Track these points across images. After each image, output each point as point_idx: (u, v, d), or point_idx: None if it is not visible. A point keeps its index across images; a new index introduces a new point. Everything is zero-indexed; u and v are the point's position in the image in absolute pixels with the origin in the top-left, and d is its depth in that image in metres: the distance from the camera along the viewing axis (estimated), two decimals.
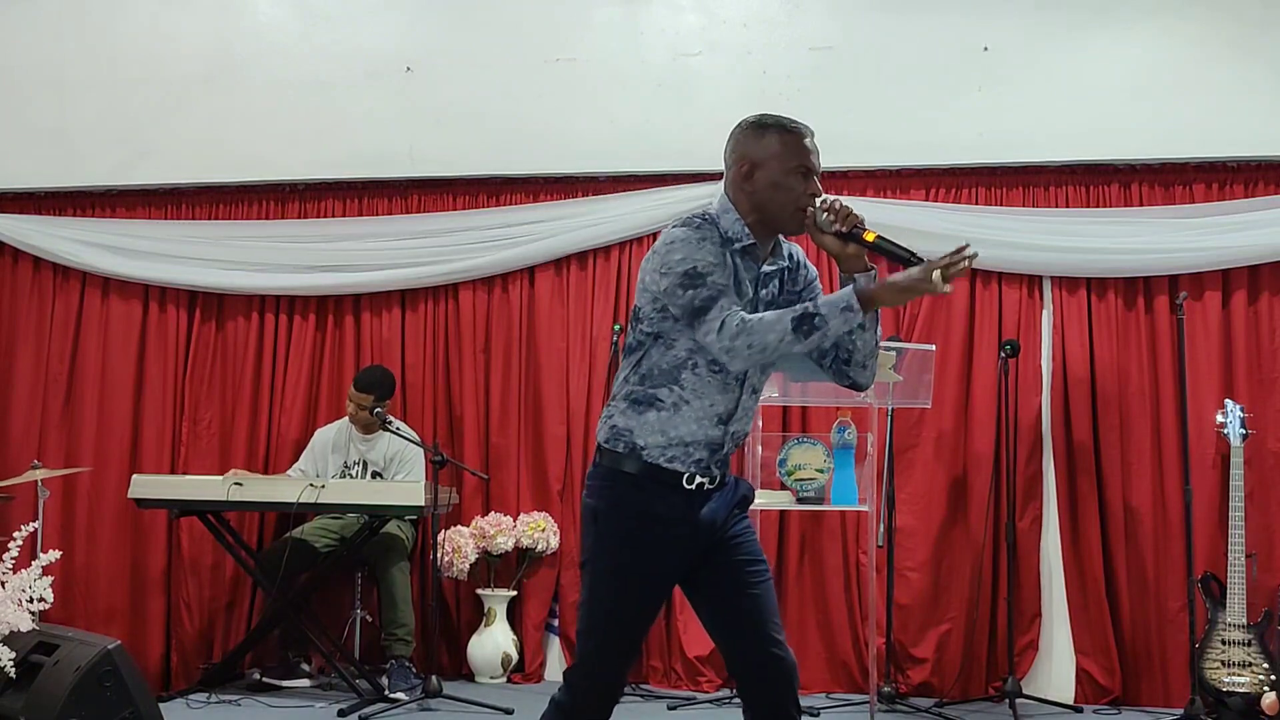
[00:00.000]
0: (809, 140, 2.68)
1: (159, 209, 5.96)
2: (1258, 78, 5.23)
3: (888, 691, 4.98)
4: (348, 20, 5.81)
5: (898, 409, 5.05)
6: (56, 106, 5.88)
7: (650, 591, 2.64)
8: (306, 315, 5.81)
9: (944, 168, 5.45)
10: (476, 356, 5.70)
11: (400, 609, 5.22)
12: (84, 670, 3.28)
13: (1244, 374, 5.18)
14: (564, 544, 5.53)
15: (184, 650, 5.62)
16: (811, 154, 2.67)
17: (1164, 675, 5.10)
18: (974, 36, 5.40)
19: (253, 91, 5.79)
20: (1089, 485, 5.22)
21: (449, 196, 5.80)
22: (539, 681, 5.48)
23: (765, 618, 2.63)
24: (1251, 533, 4.85)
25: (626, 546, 2.58)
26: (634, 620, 2.63)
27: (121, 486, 5.38)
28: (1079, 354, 5.28)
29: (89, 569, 5.69)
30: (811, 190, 2.66)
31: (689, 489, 2.61)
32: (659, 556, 2.59)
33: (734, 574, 2.63)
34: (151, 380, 5.83)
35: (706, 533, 2.63)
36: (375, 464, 5.48)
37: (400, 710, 4.80)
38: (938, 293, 2.49)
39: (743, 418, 2.68)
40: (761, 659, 2.62)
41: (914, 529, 5.29)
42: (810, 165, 2.67)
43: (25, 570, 3.43)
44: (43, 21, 5.95)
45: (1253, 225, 5.18)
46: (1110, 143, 5.30)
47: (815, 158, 2.68)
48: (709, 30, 5.60)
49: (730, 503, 2.67)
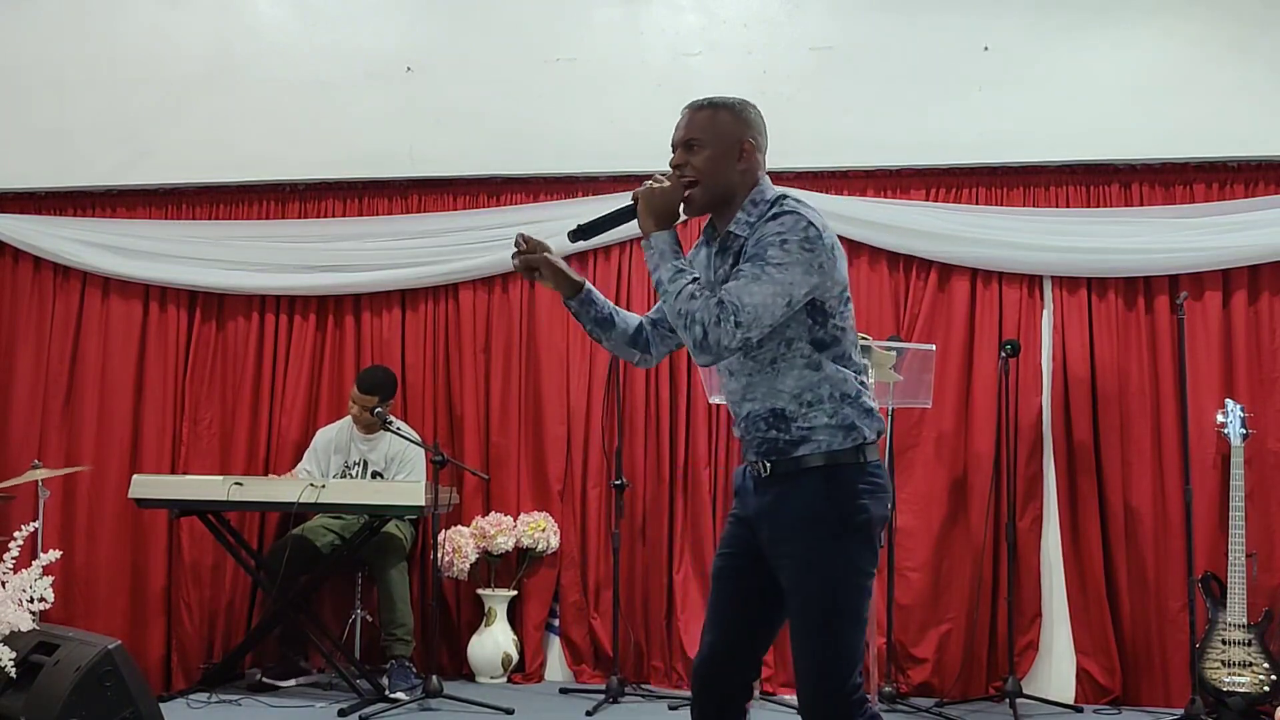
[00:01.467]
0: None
1: (159, 209, 5.96)
2: (1258, 78, 5.23)
3: (888, 691, 4.98)
4: (348, 20, 5.81)
5: (898, 409, 5.05)
6: (57, 106, 5.88)
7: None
8: (307, 315, 5.81)
9: (944, 168, 5.45)
10: (477, 356, 5.70)
11: (398, 609, 5.22)
12: (84, 670, 3.28)
13: (1244, 374, 5.18)
14: (564, 544, 5.53)
15: (184, 650, 5.62)
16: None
17: (1164, 675, 5.10)
18: (974, 36, 5.40)
19: (253, 91, 5.79)
20: (1089, 485, 5.22)
21: (449, 196, 5.80)
22: (539, 681, 5.48)
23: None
24: (1252, 532, 4.85)
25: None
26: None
27: (122, 486, 5.38)
28: (1079, 354, 5.28)
29: (89, 569, 5.69)
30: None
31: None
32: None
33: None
34: (152, 380, 5.83)
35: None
36: (376, 464, 5.48)
37: (400, 710, 4.80)
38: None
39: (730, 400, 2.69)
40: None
41: (914, 529, 5.29)
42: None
43: (26, 570, 3.43)
44: (43, 21, 5.95)
45: (1253, 225, 5.18)
46: (1110, 143, 5.30)
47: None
48: (709, 30, 5.60)
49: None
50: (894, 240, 5.41)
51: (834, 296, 2.57)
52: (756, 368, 2.58)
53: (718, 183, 2.63)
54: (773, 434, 2.57)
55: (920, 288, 5.42)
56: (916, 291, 5.43)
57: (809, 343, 2.55)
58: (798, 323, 2.54)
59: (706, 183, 2.62)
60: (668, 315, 2.57)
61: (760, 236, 2.52)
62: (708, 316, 2.44)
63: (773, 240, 2.49)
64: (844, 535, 2.50)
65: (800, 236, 2.50)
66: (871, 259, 5.48)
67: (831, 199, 5.43)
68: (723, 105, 2.67)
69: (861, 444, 2.55)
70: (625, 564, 5.38)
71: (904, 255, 5.44)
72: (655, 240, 2.57)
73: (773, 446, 2.57)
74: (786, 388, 2.56)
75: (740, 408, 2.65)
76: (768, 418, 2.58)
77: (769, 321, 2.47)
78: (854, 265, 5.48)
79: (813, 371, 2.56)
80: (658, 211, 2.59)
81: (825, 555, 2.49)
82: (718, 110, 2.66)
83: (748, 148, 2.65)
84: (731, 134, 2.64)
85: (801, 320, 2.54)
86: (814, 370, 2.56)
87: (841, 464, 2.53)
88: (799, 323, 2.54)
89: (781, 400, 2.56)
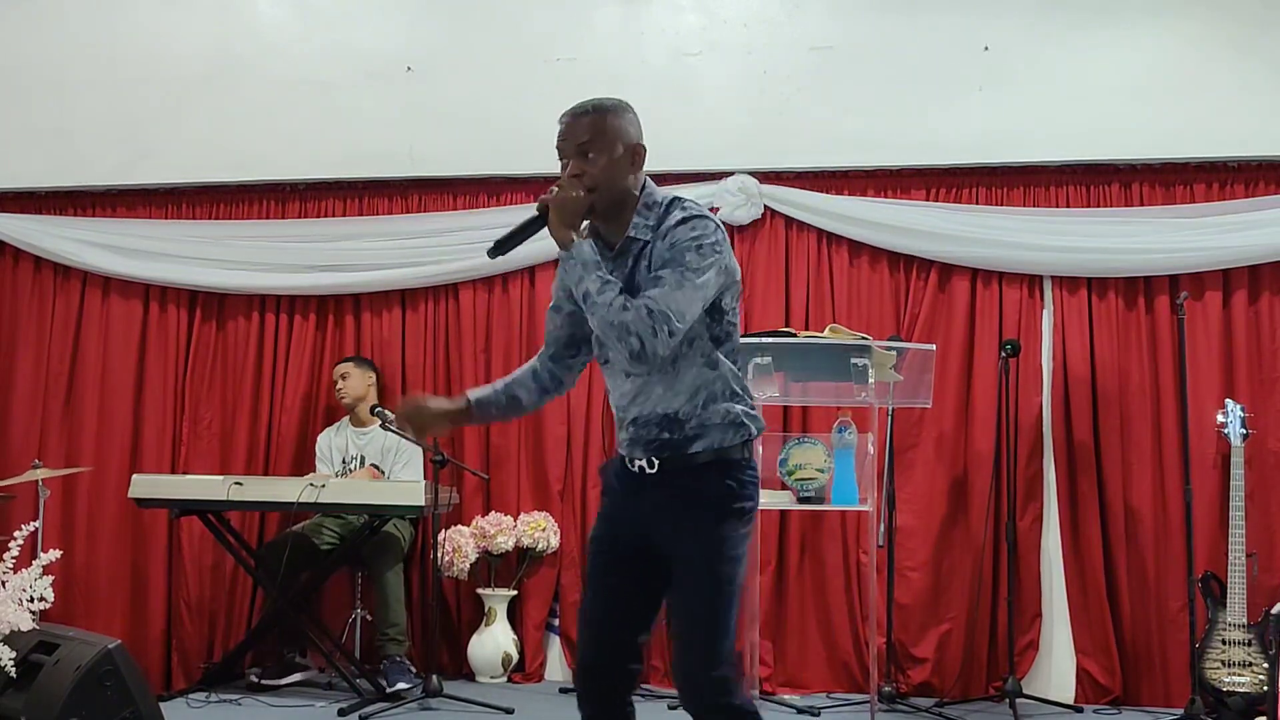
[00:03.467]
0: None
1: (159, 209, 5.96)
2: (1258, 78, 5.23)
3: (888, 691, 4.98)
4: (348, 20, 5.81)
5: (898, 409, 5.04)
6: (57, 106, 5.88)
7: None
8: (307, 315, 5.81)
9: (944, 167, 5.45)
10: (477, 356, 5.70)
11: (392, 609, 5.21)
12: (84, 670, 3.28)
13: (1244, 374, 5.18)
14: (564, 544, 5.53)
15: (184, 650, 5.62)
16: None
17: (1164, 675, 5.10)
18: (974, 36, 5.39)
19: (253, 91, 5.79)
20: (1089, 485, 5.22)
21: (449, 196, 5.80)
22: (539, 681, 5.49)
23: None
24: (1252, 532, 4.85)
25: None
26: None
27: (122, 486, 5.37)
28: (1079, 354, 5.28)
29: (89, 568, 5.69)
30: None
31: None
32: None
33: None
34: (152, 380, 5.83)
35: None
36: (373, 458, 5.48)
37: (400, 709, 4.80)
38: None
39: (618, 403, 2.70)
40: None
41: (914, 529, 5.29)
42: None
43: (26, 569, 3.43)
44: (44, 21, 5.95)
45: (1253, 225, 5.18)
46: (1111, 142, 5.30)
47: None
48: (709, 30, 5.60)
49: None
50: (894, 240, 5.41)
51: (732, 294, 2.62)
52: (656, 368, 2.57)
53: (615, 188, 2.62)
54: (665, 435, 2.60)
55: (920, 288, 5.42)
56: (916, 291, 5.43)
57: (709, 339, 2.59)
58: (698, 321, 2.56)
59: (604, 188, 2.60)
60: (596, 327, 2.54)
61: (675, 241, 2.53)
62: (642, 327, 2.44)
63: (688, 245, 2.51)
64: (729, 522, 2.57)
65: (712, 240, 2.53)
66: (872, 259, 5.48)
67: (831, 199, 5.43)
68: (609, 109, 2.66)
69: (747, 439, 2.62)
70: None
71: (904, 255, 5.44)
72: (577, 251, 2.54)
73: (665, 444, 2.60)
74: (684, 387, 2.59)
75: (628, 411, 2.65)
76: (660, 421, 2.60)
77: (688, 325, 2.51)
78: (854, 265, 5.49)
79: (710, 369, 2.60)
80: (570, 220, 2.57)
81: (715, 542, 2.55)
82: (606, 115, 2.65)
83: (640, 152, 2.66)
84: (624, 138, 2.64)
85: (701, 319, 2.57)
86: (711, 368, 2.60)
87: (729, 460, 2.59)
88: (699, 321, 2.56)
89: (677, 401, 2.59)
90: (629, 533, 2.66)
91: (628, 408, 2.65)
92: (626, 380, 2.64)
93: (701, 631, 2.53)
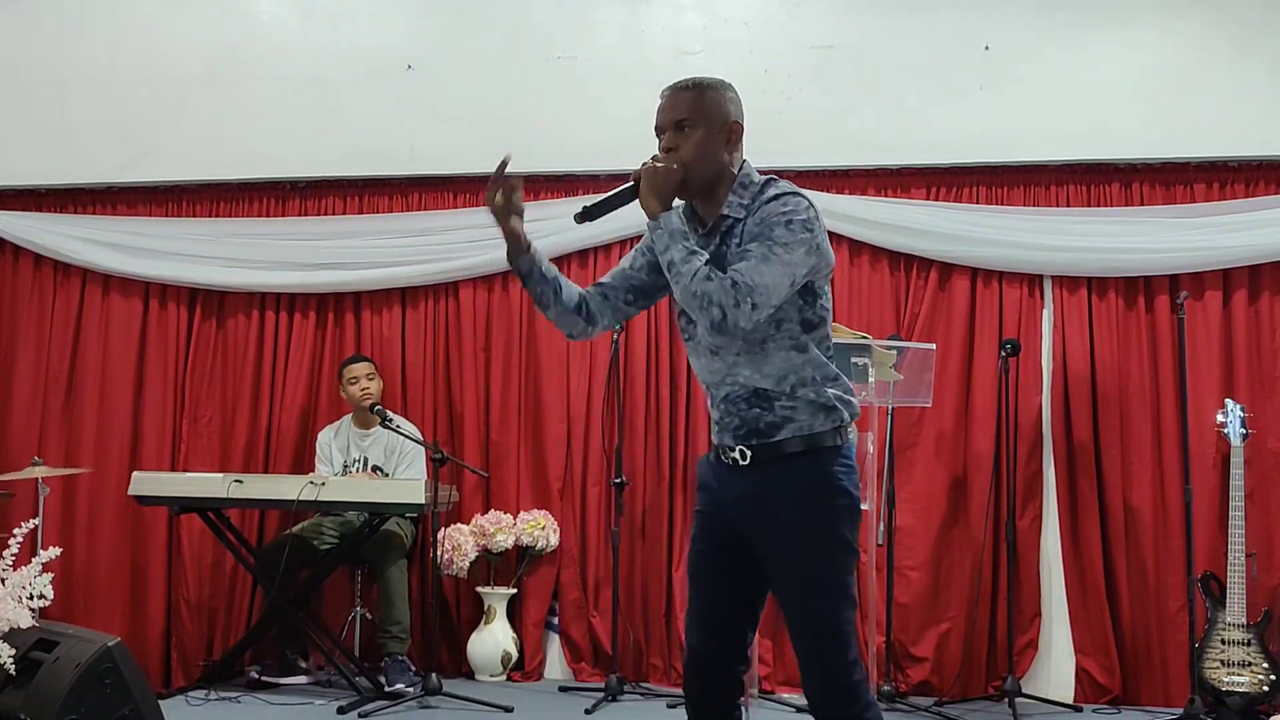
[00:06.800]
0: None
1: (160, 206, 5.96)
2: (1258, 78, 5.23)
3: (888, 690, 4.98)
4: (349, 18, 5.81)
5: (898, 408, 5.04)
6: (58, 104, 5.88)
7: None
8: (307, 313, 5.81)
9: (945, 167, 5.45)
10: (477, 355, 5.70)
11: (396, 607, 5.21)
12: (84, 667, 3.27)
13: (1244, 374, 5.18)
14: (564, 542, 5.53)
15: (184, 647, 5.63)
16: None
17: (1164, 675, 5.10)
18: (975, 36, 5.39)
19: (254, 89, 5.79)
20: (1089, 485, 5.22)
21: (449, 194, 5.80)
22: (539, 680, 5.49)
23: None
24: (1251, 532, 4.85)
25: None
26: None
27: (122, 484, 5.37)
28: (1079, 353, 5.28)
29: (89, 566, 5.69)
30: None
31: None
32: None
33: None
34: (152, 378, 5.83)
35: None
36: (376, 459, 5.48)
37: (400, 707, 4.80)
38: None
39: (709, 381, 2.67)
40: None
41: (914, 528, 5.29)
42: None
43: (25, 567, 3.43)
44: (44, 19, 5.95)
45: (1253, 225, 5.18)
46: (1111, 142, 5.30)
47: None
48: (710, 29, 5.59)
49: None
50: (894, 239, 5.41)
51: (824, 278, 2.59)
52: (745, 348, 2.55)
53: (711, 164, 2.61)
54: (754, 412, 2.56)
55: (921, 287, 5.42)
56: (917, 291, 5.43)
57: (798, 324, 2.56)
58: (789, 303, 2.53)
59: (700, 164, 2.60)
60: (679, 296, 2.51)
61: (764, 216, 2.51)
62: (725, 298, 2.41)
63: (777, 220, 2.49)
64: (831, 516, 2.52)
65: (803, 218, 2.51)
66: (872, 258, 5.48)
67: (832, 198, 5.42)
68: (709, 86, 2.64)
69: (839, 425, 2.56)
70: (625, 562, 5.38)
71: (904, 254, 5.44)
72: (664, 221, 2.53)
73: (753, 428, 2.56)
74: (772, 369, 2.55)
75: (719, 389, 2.63)
76: (749, 398, 2.57)
77: (775, 301, 2.47)
78: (854, 265, 5.49)
79: (798, 354, 2.56)
80: (661, 191, 2.56)
81: (816, 537, 2.50)
82: (704, 91, 2.63)
83: (737, 130, 2.64)
84: (721, 115, 2.62)
85: (793, 301, 2.54)
86: (800, 352, 2.56)
87: (821, 446, 2.54)
88: (790, 303, 2.53)
89: (767, 382, 2.55)
90: (729, 530, 2.62)
91: (719, 385, 2.62)
92: (715, 358, 2.61)
93: (823, 643, 2.49)
